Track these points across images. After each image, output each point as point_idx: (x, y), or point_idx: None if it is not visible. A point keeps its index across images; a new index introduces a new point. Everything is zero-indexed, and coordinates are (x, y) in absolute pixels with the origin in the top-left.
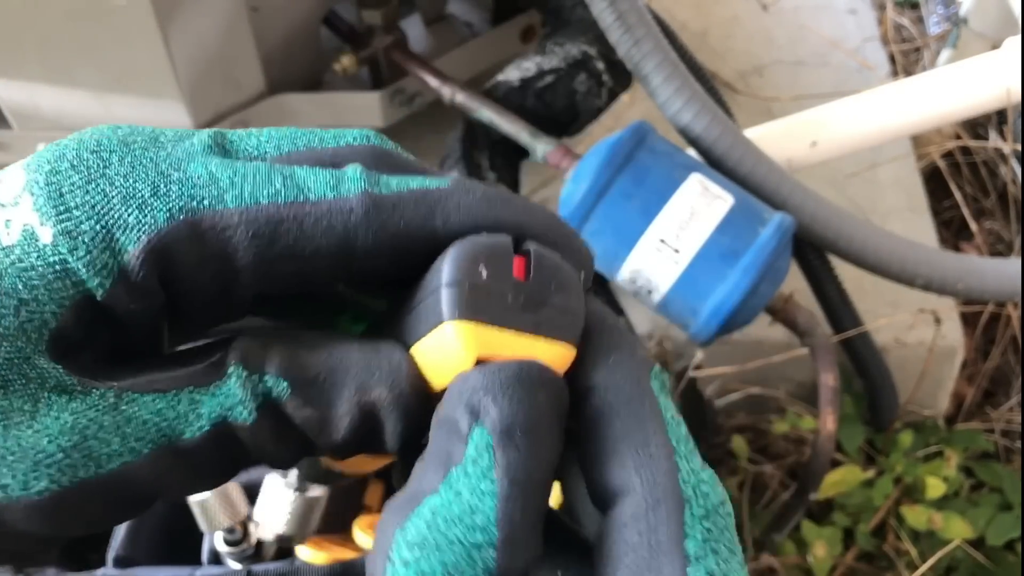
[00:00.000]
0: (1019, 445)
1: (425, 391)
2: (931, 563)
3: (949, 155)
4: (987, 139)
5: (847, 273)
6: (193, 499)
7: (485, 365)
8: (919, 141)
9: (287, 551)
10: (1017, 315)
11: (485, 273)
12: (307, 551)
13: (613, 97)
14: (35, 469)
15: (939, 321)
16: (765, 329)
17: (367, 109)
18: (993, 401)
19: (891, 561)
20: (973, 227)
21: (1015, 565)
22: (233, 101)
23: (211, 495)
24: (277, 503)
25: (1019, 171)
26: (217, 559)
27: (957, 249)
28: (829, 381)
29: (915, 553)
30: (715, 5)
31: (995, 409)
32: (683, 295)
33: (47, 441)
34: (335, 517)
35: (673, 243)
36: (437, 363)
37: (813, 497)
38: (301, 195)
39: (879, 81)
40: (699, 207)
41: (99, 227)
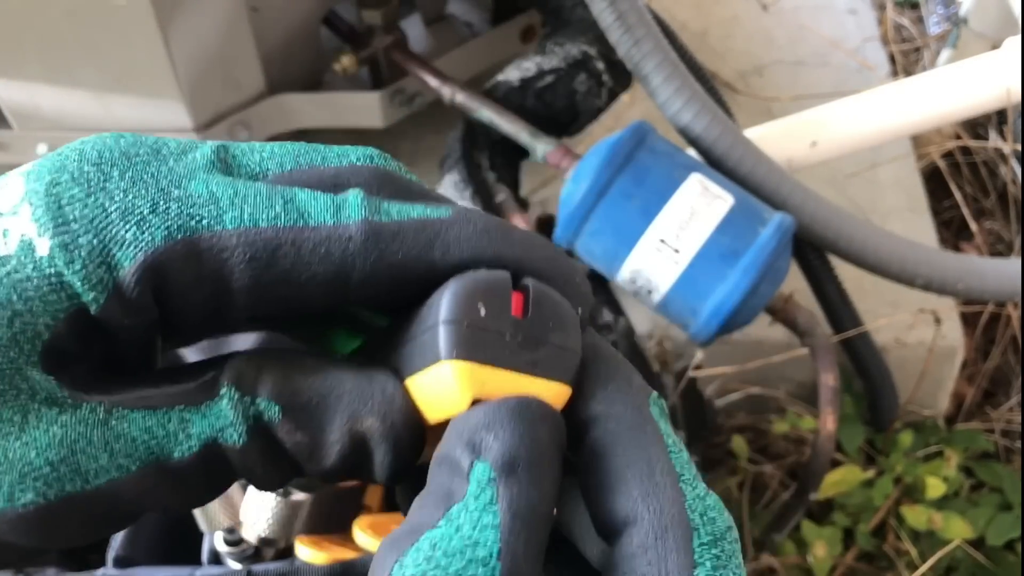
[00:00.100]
0: (1019, 445)
1: (418, 424)
2: (931, 563)
3: (949, 155)
4: (987, 139)
5: (847, 273)
6: None
7: (485, 403)
8: (919, 141)
9: (287, 551)
10: (1017, 315)
11: (484, 311)
12: (307, 551)
13: (613, 97)
14: (22, 481)
15: (939, 321)
16: (765, 329)
17: (367, 109)
18: (993, 401)
19: (891, 561)
20: (973, 227)
21: (1015, 565)
22: (233, 101)
23: None
24: (260, 506)
25: (1019, 171)
26: (217, 559)
27: (957, 249)
28: (829, 381)
29: (915, 553)
30: (715, 5)
31: (995, 409)
32: (683, 295)
33: (35, 454)
34: (335, 517)
35: (673, 243)
36: (432, 399)
37: (813, 497)
38: (301, 220)
39: (879, 81)
40: (699, 207)
41: (96, 242)
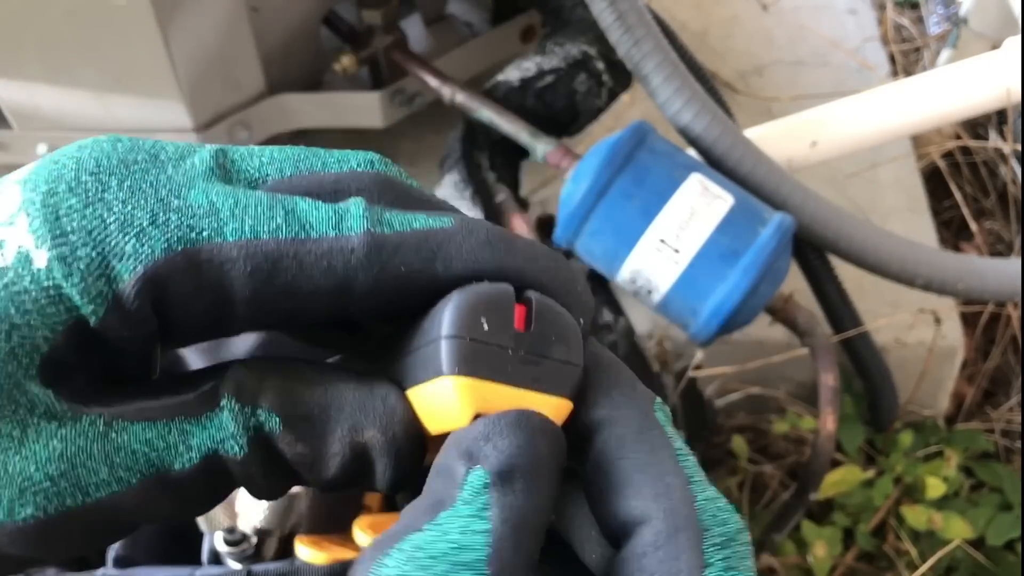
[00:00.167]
0: (1019, 445)
1: (419, 435)
2: (931, 563)
3: (949, 155)
4: (987, 139)
5: (847, 273)
6: None
7: (485, 417)
8: (919, 141)
9: (287, 551)
10: (1017, 315)
11: (486, 325)
12: (307, 551)
13: (613, 97)
14: (21, 496)
15: (939, 321)
16: (765, 329)
17: (367, 109)
18: (993, 401)
19: (891, 561)
20: (973, 227)
21: (1015, 565)
22: (233, 101)
23: None
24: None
25: (1019, 171)
26: (217, 559)
27: (957, 249)
28: (829, 381)
29: (915, 553)
30: (715, 5)
31: (995, 409)
32: (683, 295)
33: (34, 468)
34: (335, 517)
35: (673, 243)
36: (433, 412)
37: (813, 497)
38: (302, 231)
39: (879, 81)
40: (699, 207)
41: (95, 254)
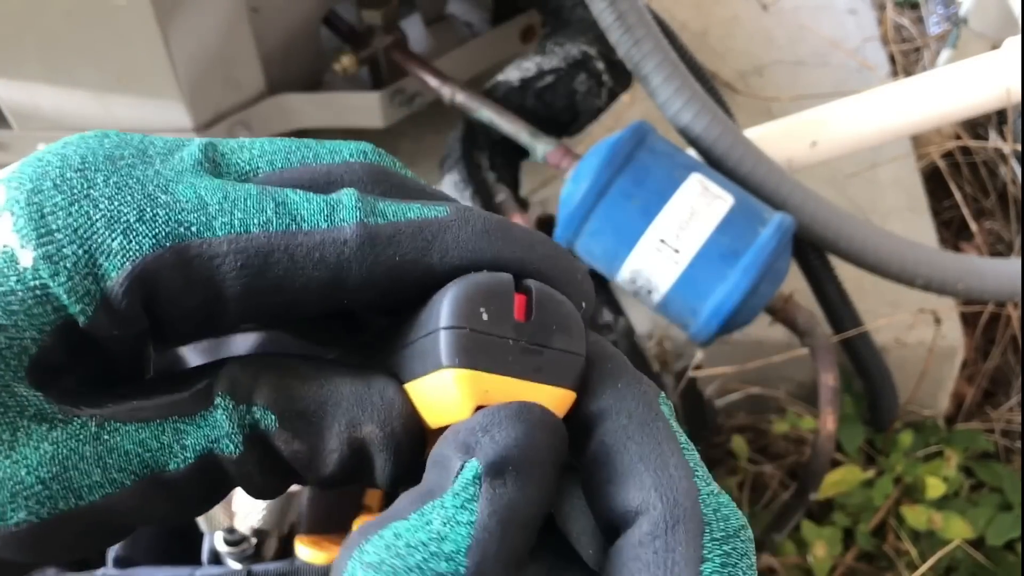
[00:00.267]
0: (1019, 445)
1: (418, 429)
2: (931, 563)
3: (949, 155)
4: (987, 139)
5: (847, 273)
6: None
7: (485, 408)
8: (919, 141)
9: (287, 551)
10: (1017, 315)
11: (486, 316)
12: (307, 551)
13: (613, 97)
14: (13, 500)
15: (939, 321)
16: (765, 329)
17: (367, 109)
18: (993, 401)
19: (891, 561)
20: (973, 227)
21: (1015, 565)
22: (233, 101)
23: None
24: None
25: (1019, 171)
26: (217, 559)
27: (957, 249)
28: (829, 381)
29: (915, 553)
30: (715, 5)
31: (995, 409)
32: (683, 295)
33: (25, 472)
34: (335, 517)
35: (673, 243)
36: (433, 405)
37: (813, 497)
38: (293, 224)
39: (879, 81)
40: (699, 207)
41: (82, 252)
